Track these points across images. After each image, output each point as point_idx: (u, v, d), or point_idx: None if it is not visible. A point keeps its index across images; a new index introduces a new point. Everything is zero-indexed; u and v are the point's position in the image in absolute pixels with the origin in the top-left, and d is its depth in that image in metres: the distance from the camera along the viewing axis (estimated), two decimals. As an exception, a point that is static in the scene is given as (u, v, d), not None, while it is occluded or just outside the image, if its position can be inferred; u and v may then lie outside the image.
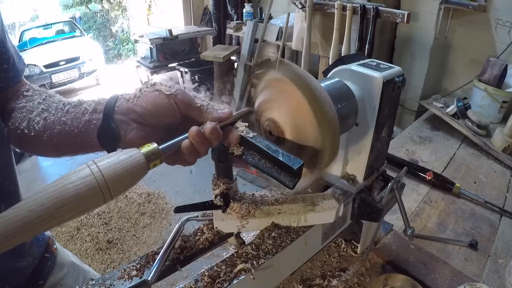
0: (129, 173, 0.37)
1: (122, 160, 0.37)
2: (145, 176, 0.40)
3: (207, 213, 0.65)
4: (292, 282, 0.80)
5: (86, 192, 0.34)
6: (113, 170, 0.36)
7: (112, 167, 0.36)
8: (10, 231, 0.31)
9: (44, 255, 0.74)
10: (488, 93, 1.72)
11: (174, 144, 0.44)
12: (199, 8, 5.36)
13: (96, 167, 0.35)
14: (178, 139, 0.44)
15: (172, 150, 0.44)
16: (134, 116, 0.48)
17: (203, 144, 0.45)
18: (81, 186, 0.34)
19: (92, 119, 0.50)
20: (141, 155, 0.39)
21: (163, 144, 0.43)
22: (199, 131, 0.44)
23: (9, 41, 0.59)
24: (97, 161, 0.36)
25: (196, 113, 0.47)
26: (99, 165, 0.36)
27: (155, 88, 0.47)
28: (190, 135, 0.44)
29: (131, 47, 8.53)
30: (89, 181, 0.34)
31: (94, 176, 0.35)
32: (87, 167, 0.35)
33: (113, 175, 0.36)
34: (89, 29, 9.23)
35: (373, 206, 0.67)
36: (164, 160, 0.46)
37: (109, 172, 0.36)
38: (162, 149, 0.42)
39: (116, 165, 0.37)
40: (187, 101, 0.47)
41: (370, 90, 0.59)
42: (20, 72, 0.61)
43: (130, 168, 0.37)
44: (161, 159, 0.42)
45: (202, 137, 0.44)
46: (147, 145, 0.41)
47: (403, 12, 1.84)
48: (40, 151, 0.57)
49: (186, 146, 0.44)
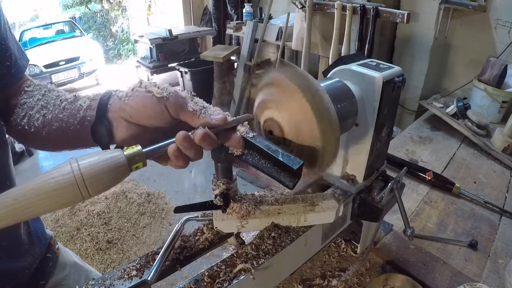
0: (109, 173, 0.38)
1: (103, 160, 0.38)
2: (145, 176, 0.40)
3: (207, 213, 0.65)
4: (292, 282, 0.80)
5: (64, 188, 0.36)
6: (93, 170, 0.37)
7: (92, 166, 0.37)
8: None
9: (46, 255, 0.74)
10: (488, 93, 1.72)
11: (159, 148, 0.43)
12: (199, 8, 5.36)
13: (76, 165, 0.37)
14: (164, 143, 0.43)
15: (157, 154, 0.43)
16: (124, 115, 0.47)
17: (192, 149, 0.43)
18: (60, 182, 0.36)
19: (87, 116, 0.50)
20: (123, 157, 0.40)
21: (148, 147, 0.42)
22: (186, 136, 0.42)
23: (12, 38, 0.59)
24: (80, 159, 0.38)
25: (188, 117, 0.45)
26: (80, 163, 0.37)
27: (147, 89, 0.46)
28: (177, 140, 0.43)
29: (131, 47, 8.53)
30: (68, 178, 0.36)
31: (73, 174, 0.36)
32: (68, 164, 0.37)
33: (92, 174, 0.37)
34: (89, 29, 9.23)
35: (373, 206, 0.67)
36: (155, 160, 0.46)
37: (88, 171, 0.37)
38: (146, 152, 0.42)
39: (96, 164, 0.38)
40: (179, 105, 0.45)
41: (370, 90, 0.59)
42: (23, 69, 0.61)
43: (111, 169, 0.38)
44: (144, 162, 0.42)
45: (190, 142, 0.43)
46: (131, 147, 0.41)
47: (403, 12, 1.84)
48: (40, 146, 0.59)
49: (172, 150, 0.43)
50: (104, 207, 2.78)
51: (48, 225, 2.61)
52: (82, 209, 2.76)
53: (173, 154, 0.43)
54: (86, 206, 2.78)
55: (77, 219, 2.66)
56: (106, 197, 2.87)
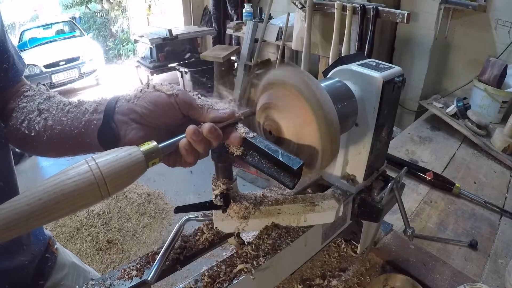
0: (128, 170, 0.38)
1: (121, 157, 0.37)
2: (145, 176, 0.41)
3: (207, 213, 0.65)
4: (292, 282, 0.80)
5: (84, 188, 0.34)
6: (112, 167, 0.36)
7: (111, 164, 0.36)
8: (7, 224, 0.31)
9: (45, 255, 0.74)
10: (488, 93, 1.72)
11: (173, 143, 0.44)
12: (199, 8, 5.36)
13: (94, 163, 0.36)
14: (177, 138, 0.45)
15: (171, 149, 0.44)
16: (135, 116, 0.48)
17: (201, 143, 0.44)
18: (79, 182, 0.34)
19: (93, 119, 0.50)
20: (141, 153, 0.39)
21: (163, 143, 0.43)
22: (196, 129, 0.44)
23: (9, 41, 0.59)
24: (96, 157, 0.36)
25: (197, 113, 0.47)
26: (98, 161, 0.36)
27: (156, 89, 0.48)
28: (187, 133, 0.44)
29: (131, 47, 8.53)
30: (87, 177, 0.34)
31: (93, 173, 0.35)
32: (85, 163, 0.36)
33: (111, 172, 0.36)
34: (89, 29, 9.23)
35: (373, 206, 0.67)
36: (164, 161, 0.46)
37: (107, 169, 0.36)
38: (162, 148, 0.42)
39: (115, 162, 0.37)
40: (188, 101, 0.47)
41: (370, 90, 0.59)
42: (20, 72, 0.61)
43: (129, 165, 0.38)
44: (160, 158, 0.42)
45: (200, 136, 0.44)
46: (146, 143, 0.41)
47: (403, 12, 1.84)
48: (40, 151, 0.57)
49: (183, 144, 0.44)
50: (104, 207, 2.78)
51: (48, 225, 2.61)
52: (82, 209, 2.76)
53: (184, 148, 0.44)
54: (86, 206, 2.78)
55: (77, 219, 2.66)
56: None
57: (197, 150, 0.45)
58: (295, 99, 0.48)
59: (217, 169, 0.56)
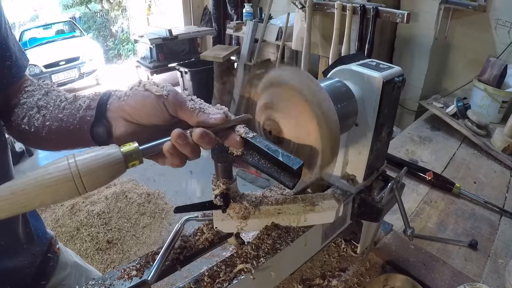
0: (105, 170, 0.39)
1: (100, 157, 0.39)
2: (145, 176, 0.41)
3: (207, 213, 0.65)
4: (292, 282, 0.80)
5: (61, 184, 0.37)
6: (89, 166, 0.38)
7: (89, 163, 0.38)
8: None
9: (47, 255, 0.74)
10: (488, 93, 1.72)
11: (156, 145, 0.43)
12: (199, 8, 5.36)
13: (73, 161, 0.37)
14: (161, 141, 0.44)
15: (153, 151, 0.43)
16: (123, 114, 0.47)
17: (187, 147, 0.43)
18: (57, 178, 0.36)
19: (86, 116, 0.51)
20: (120, 154, 0.40)
21: (145, 145, 0.42)
22: (181, 133, 0.43)
23: (12, 38, 0.59)
24: (77, 155, 0.38)
25: (187, 115, 0.46)
26: (77, 159, 0.38)
27: (146, 88, 0.47)
28: (172, 137, 0.43)
29: (131, 47, 8.53)
30: (64, 174, 0.37)
31: (70, 170, 0.37)
32: (65, 160, 0.38)
33: (89, 171, 0.38)
34: (89, 29, 9.23)
35: (373, 206, 0.67)
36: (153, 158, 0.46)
37: (85, 167, 0.37)
38: (143, 150, 0.42)
39: (93, 161, 0.38)
40: (178, 103, 0.46)
41: (370, 90, 0.59)
42: (23, 68, 0.62)
43: (107, 165, 0.39)
44: (141, 160, 0.42)
45: (185, 139, 0.43)
46: (128, 144, 0.41)
47: (403, 12, 1.84)
48: (41, 145, 0.59)
49: (168, 148, 0.43)
50: (104, 207, 2.78)
51: (48, 225, 2.61)
52: (82, 209, 2.76)
53: (168, 151, 0.43)
54: (86, 206, 2.78)
55: (77, 219, 2.66)
56: (106, 197, 2.87)
57: (183, 153, 0.44)
58: (295, 99, 0.48)
59: (217, 169, 0.56)
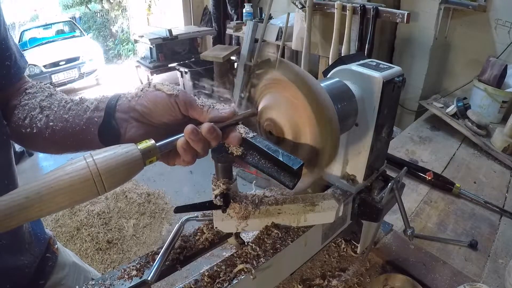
0: (125, 168, 0.38)
1: (118, 154, 0.38)
2: (145, 176, 0.41)
3: (207, 213, 0.65)
4: (292, 282, 0.80)
5: (80, 184, 0.35)
6: (108, 164, 0.37)
7: (108, 161, 0.37)
8: (5, 216, 0.32)
9: (45, 255, 0.74)
10: (488, 93, 1.72)
11: (171, 141, 0.44)
12: (199, 8, 5.36)
13: (92, 160, 0.36)
14: (175, 137, 0.45)
15: (169, 147, 0.44)
16: (135, 114, 0.48)
17: (199, 143, 0.45)
18: (75, 178, 0.35)
19: (94, 117, 0.51)
20: (138, 151, 0.40)
21: (161, 142, 0.43)
22: (194, 129, 0.44)
23: (11, 39, 0.59)
24: (94, 154, 0.37)
25: (197, 113, 0.47)
26: (95, 158, 0.36)
27: (156, 88, 0.48)
28: (185, 133, 0.44)
29: (131, 47, 8.53)
30: (84, 174, 0.35)
31: (89, 169, 0.36)
32: (83, 159, 0.36)
33: (108, 169, 0.36)
34: (89, 29, 9.22)
35: (373, 206, 0.67)
36: (163, 159, 0.47)
37: (104, 165, 0.36)
38: (159, 146, 0.42)
39: (112, 159, 0.37)
40: (188, 101, 0.47)
41: (370, 90, 0.59)
42: (22, 70, 0.61)
43: (126, 163, 0.38)
44: (158, 156, 0.42)
45: (198, 135, 0.44)
46: (144, 141, 0.41)
47: (403, 12, 1.84)
48: (42, 148, 0.58)
49: (181, 143, 0.44)
50: (104, 207, 2.78)
51: (48, 225, 2.61)
52: (82, 209, 2.76)
53: (181, 147, 0.44)
54: (86, 206, 2.78)
55: (77, 219, 2.66)
56: (106, 197, 2.87)
57: (195, 150, 0.45)
58: (296, 99, 0.48)
59: (217, 169, 0.56)
